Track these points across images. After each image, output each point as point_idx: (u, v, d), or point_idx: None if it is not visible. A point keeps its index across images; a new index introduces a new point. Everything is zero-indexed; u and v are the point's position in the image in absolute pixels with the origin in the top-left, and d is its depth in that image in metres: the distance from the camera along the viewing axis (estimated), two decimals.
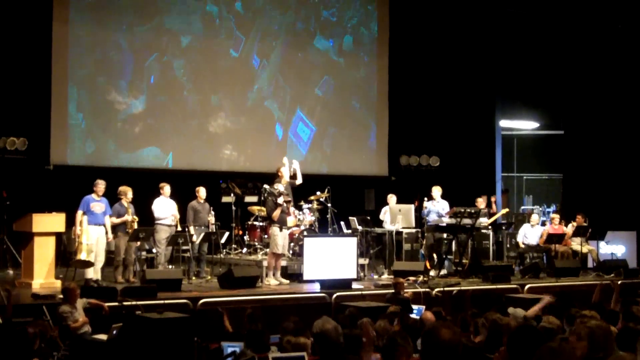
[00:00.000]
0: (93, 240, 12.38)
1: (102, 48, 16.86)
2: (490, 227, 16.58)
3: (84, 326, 9.46)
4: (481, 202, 16.81)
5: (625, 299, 9.53)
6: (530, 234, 16.76)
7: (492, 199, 17.62)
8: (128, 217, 12.98)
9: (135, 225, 13.09)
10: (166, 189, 13.82)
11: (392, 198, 16.29)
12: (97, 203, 12.62)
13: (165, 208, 13.68)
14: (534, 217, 17.19)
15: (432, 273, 14.55)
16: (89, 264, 12.26)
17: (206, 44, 18.02)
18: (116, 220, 12.93)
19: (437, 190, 15.66)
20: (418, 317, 9.29)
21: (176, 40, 17.65)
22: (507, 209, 18.77)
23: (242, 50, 18.42)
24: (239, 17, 18.31)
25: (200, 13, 17.88)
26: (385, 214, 16.23)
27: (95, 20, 16.78)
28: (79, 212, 12.42)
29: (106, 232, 12.70)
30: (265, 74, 18.69)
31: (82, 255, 12.16)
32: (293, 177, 14.36)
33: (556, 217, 17.12)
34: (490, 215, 17.03)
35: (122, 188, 13.20)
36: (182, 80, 17.71)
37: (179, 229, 13.67)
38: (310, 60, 19.29)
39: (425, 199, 15.79)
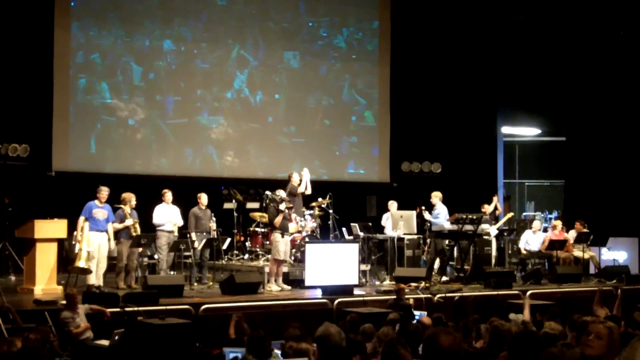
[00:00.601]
0: (94, 247, 12.36)
1: (103, 55, 16.90)
2: (491, 233, 16.55)
3: (85, 332, 9.46)
4: (487, 208, 16.79)
5: (627, 305, 9.54)
6: (532, 241, 16.75)
7: (495, 198, 17.48)
8: (128, 222, 12.98)
9: (138, 231, 13.09)
10: (167, 195, 13.84)
11: (393, 204, 16.30)
12: (100, 209, 12.61)
13: (164, 214, 13.69)
14: (536, 224, 17.17)
15: (444, 278, 14.61)
16: (87, 271, 12.24)
17: (207, 50, 18.04)
18: (118, 226, 12.94)
19: (436, 197, 15.68)
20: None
21: (177, 47, 17.68)
22: (511, 213, 18.76)
23: (244, 58, 18.46)
24: (240, 25, 18.31)
25: (203, 20, 17.90)
26: (387, 220, 16.24)
27: (97, 28, 16.83)
28: (81, 218, 12.42)
29: (109, 239, 12.70)
30: (266, 81, 18.70)
31: (81, 263, 12.14)
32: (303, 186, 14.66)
33: (558, 223, 17.08)
34: (495, 218, 16.99)
35: (125, 195, 13.21)
36: (183, 87, 17.73)
37: (176, 234, 13.66)
38: (312, 68, 19.30)
39: (423, 207, 15.78)
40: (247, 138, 18.37)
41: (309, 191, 14.95)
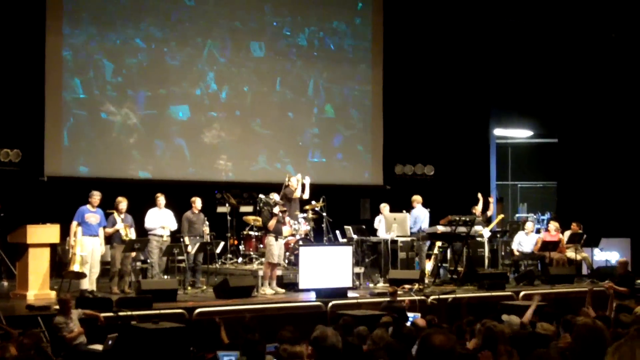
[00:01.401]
0: (87, 252, 12.37)
1: (96, 60, 16.88)
2: (484, 235, 16.57)
3: (79, 337, 9.45)
4: (477, 209, 16.80)
5: (619, 305, 9.57)
6: (524, 242, 16.78)
7: (490, 199, 17.46)
8: (118, 227, 12.97)
9: (131, 235, 13.08)
10: (160, 199, 13.84)
11: (385, 207, 16.30)
12: (92, 214, 12.61)
13: (155, 219, 13.69)
14: (529, 225, 17.20)
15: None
16: (81, 275, 12.25)
17: (200, 55, 18.06)
18: (109, 231, 12.93)
19: (415, 201, 15.74)
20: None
21: (170, 52, 17.68)
22: (502, 215, 18.80)
23: (236, 61, 18.48)
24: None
25: (197, 27, 17.95)
26: (379, 223, 16.25)
27: (89, 33, 16.82)
28: (74, 223, 12.42)
29: (101, 244, 12.70)
30: (259, 84, 18.72)
31: (75, 267, 12.15)
32: (301, 190, 14.70)
33: (553, 224, 17.07)
34: (487, 219, 17.01)
35: (117, 199, 13.21)
36: (176, 91, 17.72)
37: (167, 239, 13.64)
38: (304, 70, 19.32)
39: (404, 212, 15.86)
40: (240, 142, 18.38)
41: (306, 195, 14.98)
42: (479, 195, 17.01)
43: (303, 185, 14.78)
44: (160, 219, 13.73)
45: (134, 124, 17.14)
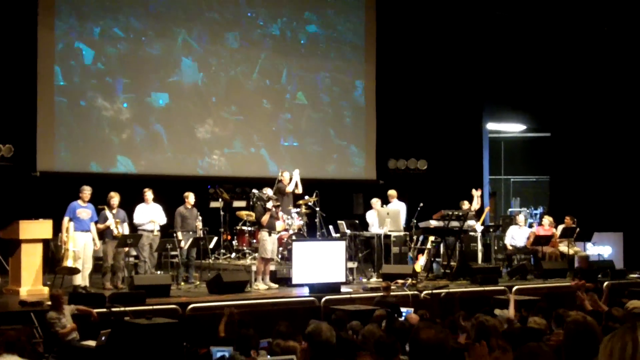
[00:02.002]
0: (80, 247, 12.35)
1: (88, 55, 16.85)
2: (477, 230, 16.61)
3: (72, 332, 9.44)
4: (466, 204, 16.81)
5: (612, 299, 9.60)
6: (517, 236, 16.81)
7: (477, 192, 17.42)
8: (109, 222, 12.95)
9: (123, 230, 13.06)
10: (148, 194, 13.81)
11: (377, 202, 16.30)
12: (83, 209, 12.59)
13: (144, 214, 13.66)
14: (520, 218, 17.24)
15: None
16: (75, 271, 12.23)
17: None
18: (100, 227, 12.91)
19: (390, 196, 15.79)
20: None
21: (164, 47, 17.66)
22: (488, 207, 18.84)
23: (229, 57, 18.47)
24: (226, 24, 18.32)
25: (191, 21, 17.93)
26: (371, 217, 16.24)
27: (81, 28, 16.77)
28: (65, 219, 12.39)
29: (93, 239, 12.68)
30: (253, 79, 18.71)
31: (69, 262, 12.14)
32: (294, 185, 14.83)
33: (547, 219, 17.10)
34: (476, 214, 17.04)
35: (109, 194, 13.19)
36: (169, 86, 17.71)
37: (157, 233, 13.62)
38: (298, 66, 19.31)
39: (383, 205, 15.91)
40: (233, 137, 18.40)
41: (299, 190, 15.01)
42: (473, 191, 17.05)
43: (293, 181, 14.80)
44: (149, 214, 13.69)
45: (122, 116, 17.11)
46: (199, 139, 17.95)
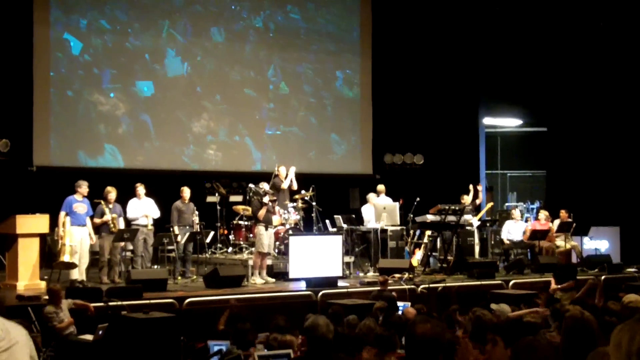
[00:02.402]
0: (76, 242, 12.34)
1: (84, 49, 16.83)
2: (473, 224, 16.61)
3: (69, 327, 9.44)
4: (466, 199, 16.83)
5: (608, 294, 9.62)
6: (513, 230, 16.83)
7: (478, 187, 17.47)
8: (106, 217, 12.94)
9: (119, 225, 13.06)
10: (140, 189, 13.77)
11: (372, 197, 16.30)
12: (80, 204, 12.58)
13: (136, 209, 13.64)
14: (516, 213, 17.27)
15: None
16: (72, 266, 12.23)
17: (190, 44, 18.04)
18: (97, 221, 12.90)
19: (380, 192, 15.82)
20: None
21: (159, 41, 17.66)
22: (491, 203, 18.86)
23: (225, 52, 18.48)
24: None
25: (175, 13, 17.93)
26: (367, 212, 16.25)
27: (76, 22, 16.76)
28: (62, 214, 12.38)
29: (89, 234, 12.68)
30: (248, 74, 18.72)
31: (65, 257, 12.13)
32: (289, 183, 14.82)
33: (543, 213, 17.11)
34: (476, 208, 17.07)
35: (105, 189, 13.18)
36: (165, 81, 17.71)
37: (150, 228, 13.59)
38: (293, 59, 19.32)
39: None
40: (229, 131, 18.42)
41: (294, 186, 15.01)
42: (471, 186, 17.07)
43: (288, 178, 14.82)
44: (142, 209, 13.67)
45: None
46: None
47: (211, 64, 18.38)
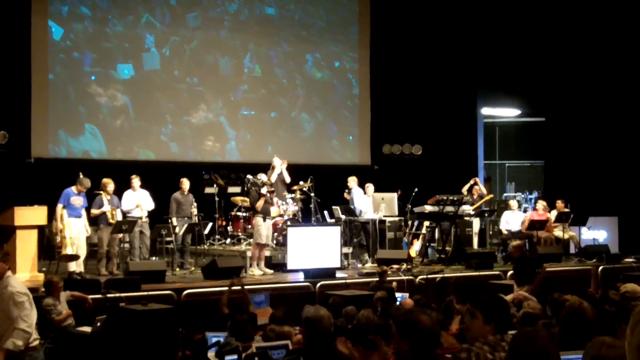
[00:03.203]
0: (75, 234, 12.34)
1: (82, 41, 16.81)
2: (473, 213, 16.62)
3: (67, 319, 9.43)
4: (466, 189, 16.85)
5: (606, 283, 9.62)
6: (511, 220, 16.85)
7: (475, 183, 17.47)
8: (106, 208, 12.93)
9: (115, 218, 13.05)
10: (135, 181, 13.74)
11: (369, 187, 16.26)
12: (77, 197, 12.57)
13: (132, 201, 13.62)
14: (513, 203, 17.28)
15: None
16: (75, 258, 12.24)
17: (188, 37, 18.02)
18: (95, 212, 12.89)
19: (352, 181, 15.71)
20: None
21: (157, 32, 17.65)
22: (491, 195, 18.86)
23: (223, 43, 18.46)
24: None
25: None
26: (361, 201, 16.22)
27: (75, 14, 16.72)
28: (59, 206, 12.36)
29: (85, 225, 12.69)
30: (245, 65, 18.71)
31: (68, 250, 12.13)
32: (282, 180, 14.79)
33: (541, 203, 17.12)
34: (473, 200, 17.06)
35: (103, 180, 13.17)
36: (164, 73, 17.70)
37: (145, 220, 13.57)
38: (291, 51, 19.29)
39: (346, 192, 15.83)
40: (227, 123, 18.42)
41: (287, 179, 14.96)
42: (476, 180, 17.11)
43: (276, 171, 14.74)
44: (136, 200, 13.65)
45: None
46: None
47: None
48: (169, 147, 17.77)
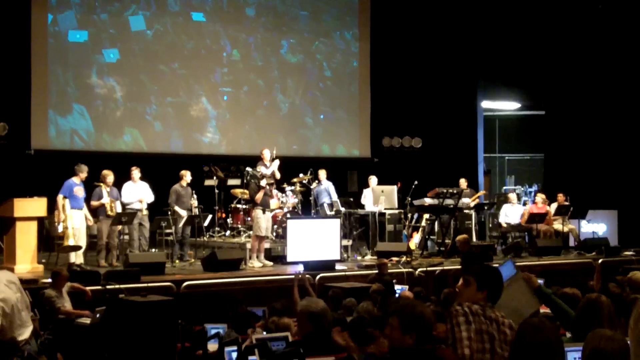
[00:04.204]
0: (78, 225, 12.34)
1: (82, 32, 16.78)
2: (472, 206, 16.64)
3: (75, 314, 9.42)
4: (463, 182, 16.85)
5: (606, 276, 9.63)
6: (510, 213, 16.86)
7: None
8: (105, 200, 12.93)
9: (117, 209, 13.05)
10: (135, 173, 13.71)
11: (372, 179, 16.28)
12: (79, 187, 12.57)
13: (131, 192, 13.61)
14: (513, 196, 17.30)
15: None
16: (77, 248, 12.24)
17: (188, 28, 18.00)
18: (94, 204, 12.89)
19: (323, 174, 15.68)
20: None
21: (158, 23, 17.62)
22: (484, 192, 18.90)
23: (222, 35, 18.43)
24: (220, 3, 18.25)
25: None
26: (365, 197, 16.23)
27: (74, 4, 16.69)
28: (60, 196, 12.35)
29: (86, 216, 12.68)
30: (245, 58, 18.69)
31: (70, 241, 12.13)
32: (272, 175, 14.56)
33: (540, 196, 17.13)
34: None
35: (103, 172, 13.16)
36: (163, 64, 17.70)
37: (145, 212, 13.56)
38: (291, 43, 19.28)
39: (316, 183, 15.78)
40: (227, 115, 18.44)
41: (277, 176, 14.84)
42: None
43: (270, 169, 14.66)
44: (137, 193, 13.64)
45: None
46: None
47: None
48: (166, 138, 17.75)
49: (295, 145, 19.11)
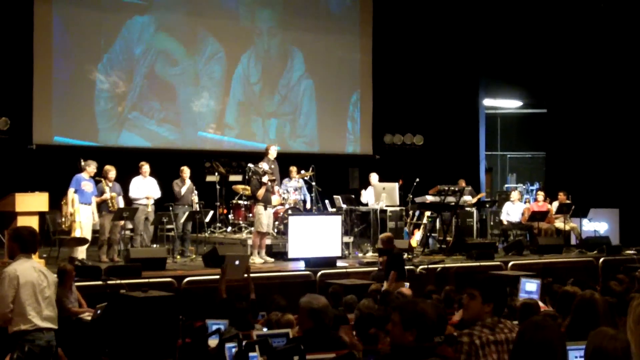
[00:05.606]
0: (85, 220, 12.34)
1: (85, 27, 16.79)
2: (473, 202, 16.65)
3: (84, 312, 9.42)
4: (463, 183, 16.85)
5: (607, 275, 9.63)
6: (512, 211, 16.85)
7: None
8: (106, 196, 12.93)
9: (119, 204, 13.05)
10: (145, 168, 13.76)
11: (372, 176, 16.27)
12: (87, 182, 12.57)
13: (141, 188, 13.62)
14: (514, 195, 17.29)
15: None
16: (84, 242, 12.21)
17: (191, 21, 17.99)
18: (97, 199, 12.89)
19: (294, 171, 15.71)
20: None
21: (160, 18, 17.61)
22: (483, 194, 18.93)
23: (225, 31, 18.42)
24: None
25: None
26: (363, 196, 16.23)
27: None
28: (71, 190, 12.32)
29: (92, 212, 12.68)
30: (248, 53, 18.68)
31: (77, 233, 12.12)
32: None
33: (541, 195, 17.13)
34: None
35: (105, 167, 13.16)
36: (166, 60, 17.67)
37: (151, 208, 13.58)
38: (293, 39, 19.26)
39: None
40: (229, 111, 18.43)
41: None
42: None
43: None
44: (145, 189, 13.66)
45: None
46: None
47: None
48: (169, 134, 17.75)
49: (297, 141, 19.10)
